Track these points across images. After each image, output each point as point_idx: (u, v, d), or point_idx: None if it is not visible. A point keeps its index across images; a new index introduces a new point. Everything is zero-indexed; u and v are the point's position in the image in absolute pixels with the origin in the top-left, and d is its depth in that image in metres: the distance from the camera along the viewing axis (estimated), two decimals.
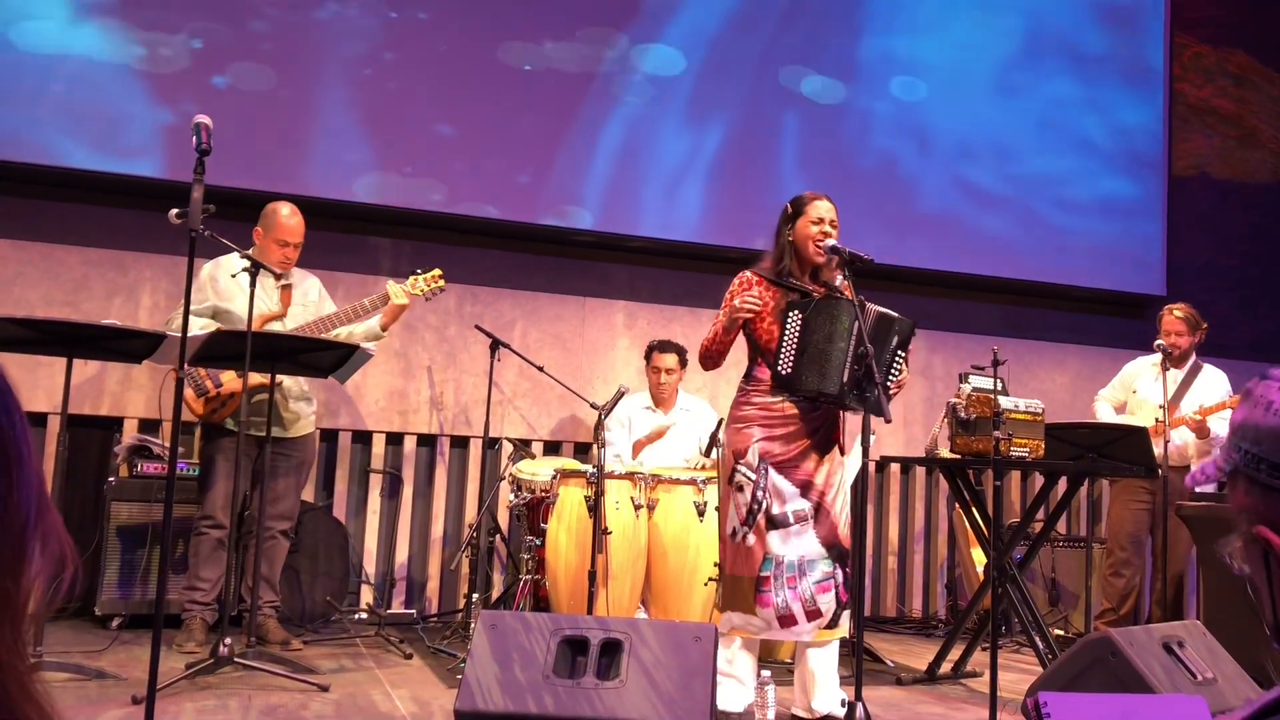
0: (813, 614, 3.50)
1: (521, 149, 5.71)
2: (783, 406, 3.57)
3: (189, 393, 4.32)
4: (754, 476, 3.53)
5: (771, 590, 3.48)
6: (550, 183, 5.75)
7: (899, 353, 3.58)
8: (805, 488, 3.54)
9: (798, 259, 3.67)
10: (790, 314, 3.55)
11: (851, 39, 6.39)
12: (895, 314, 3.57)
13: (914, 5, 6.54)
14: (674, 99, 5.98)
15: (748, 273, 3.71)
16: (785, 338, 3.53)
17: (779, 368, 3.53)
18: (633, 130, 5.90)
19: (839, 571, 3.56)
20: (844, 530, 3.60)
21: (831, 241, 3.56)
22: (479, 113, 5.64)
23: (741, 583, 3.53)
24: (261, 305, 4.29)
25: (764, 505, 3.51)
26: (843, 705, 3.44)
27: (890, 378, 3.55)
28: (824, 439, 3.61)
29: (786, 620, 3.49)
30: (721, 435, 4.21)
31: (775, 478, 3.53)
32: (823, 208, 3.66)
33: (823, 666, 3.59)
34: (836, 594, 3.54)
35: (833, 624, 3.56)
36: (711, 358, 3.74)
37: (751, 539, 3.51)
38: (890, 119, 6.43)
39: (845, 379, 3.44)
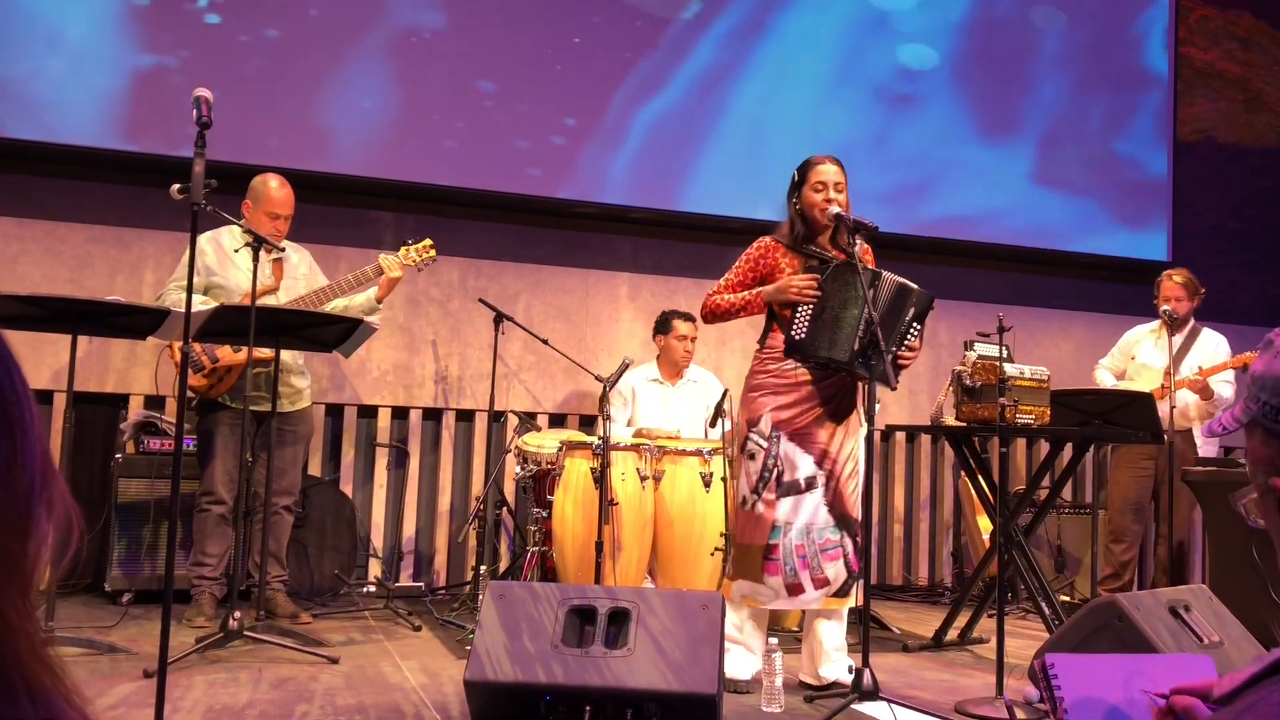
0: (820, 582, 3.51)
1: (529, 123, 5.68)
2: (795, 373, 3.55)
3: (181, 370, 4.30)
4: (765, 444, 3.51)
5: (780, 558, 3.49)
6: (555, 156, 5.73)
7: (915, 325, 3.53)
8: (818, 455, 3.53)
9: (808, 225, 3.65)
10: None
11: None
12: (914, 286, 3.51)
13: None
14: (687, 79, 5.94)
15: (768, 239, 3.69)
16: (800, 304, 3.51)
17: (793, 333, 3.51)
18: (641, 104, 5.86)
19: (848, 541, 3.56)
20: (853, 501, 3.59)
21: (835, 209, 3.53)
22: (488, 85, 5.61)
23: (750, 551, 3.53)
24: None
25: (775, 473, 3.50)
26: (850, 672, 3.46)
27: (902, 347, 3.52)
28: (838, 407, 3.58)
29: (794, 589, 3.50)
30: (726, 406, 4.22)
31: (787, 445, 3.51)
32: (826, 171, 3.62)
33: (830, 635, 3.60)
34: (846, 563, 3.54)
35: (842, 593, 3.56)
36: (718, 319, 3.72)
37: (761, 507, 3.51)
38: (896, 87, 6.39)
39: (856, 347, 3.41)
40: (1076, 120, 6.81)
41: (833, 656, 3.59)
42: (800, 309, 3.49)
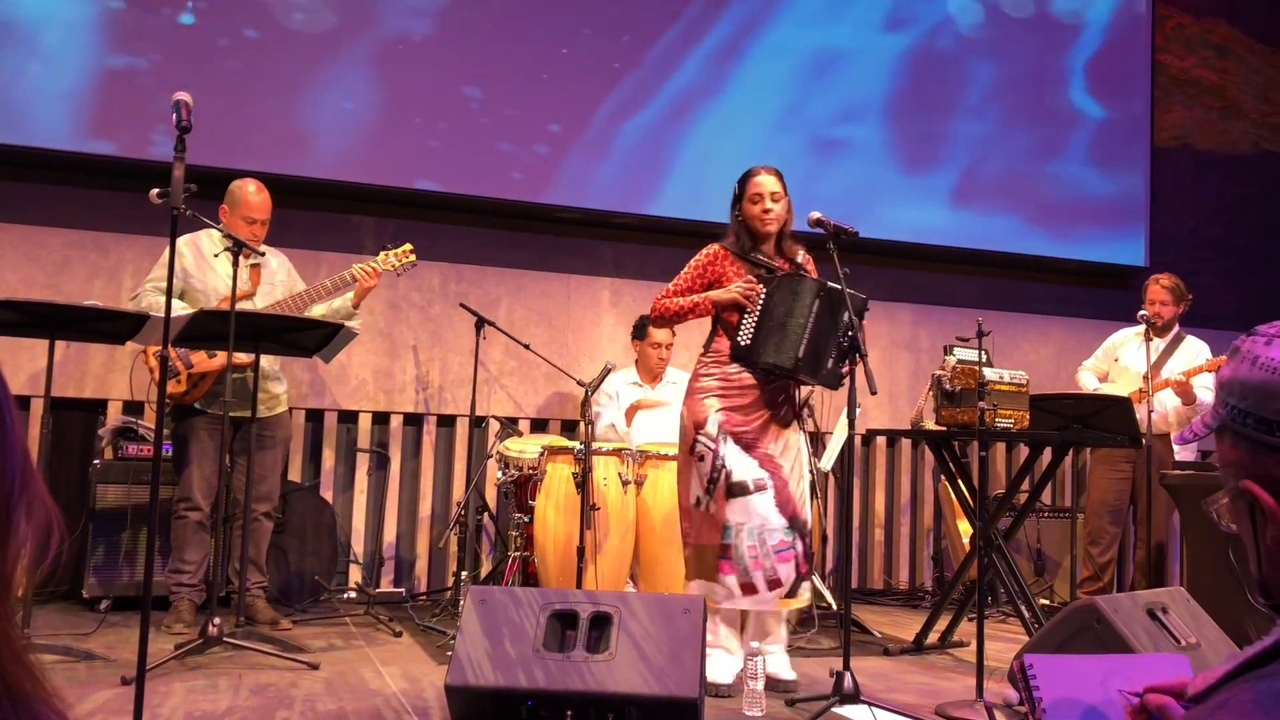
0: (773, 583, 3.57)
1: (513, 129, 5.68)
2: (741, 377, 3.65)
3: (159, 375, 4.28)
4: (714, 445, 3.59)
5: (733, 558, 3.55)
6: (538, 162, 5.73)
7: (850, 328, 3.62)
8: (762, 458, 3.62)
9: (750, 236, 3.75)
10: None
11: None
12: (848, 289, 3.56)
13: None
14: (672, 89, 5.96)
15: (717, 246, 3.79)
16: (747, 310, 3.62)
17: (739, 339, 3.63)
18: (625, 112, 5.88)
19: (799, 542, 3.63)
20: (800, 502, 3.66)
21: (817, 214, 3.57)
22: (474, 91, 5.61)
23: (705, 552, 3.60)
24: (231, 284, 4.26)
25: (724, 474, 3.57)
26: (831, 675, 3.47)
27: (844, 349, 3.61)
28: (781, 413, 3.70)
29: (748, 588, 3.56)
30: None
31: (733, 447, 3.59)
32: (760, 182, 3.72)
33: (769, 630, 3.70)
34: (796, 564, 3.61)
35: (791, 594, 3.63)
36: (668, 322, 3.86)
37: (713, 507, 3.58)
38: (873, 97, 6.42)
39: (800, 354, 3.53)
40: (1054, 125, 6.86)
41: (776, 657, 3.64)
42: (746, 316, 3.61)
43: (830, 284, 3.59)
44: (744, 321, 3.61)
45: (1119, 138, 7.02)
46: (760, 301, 3.60)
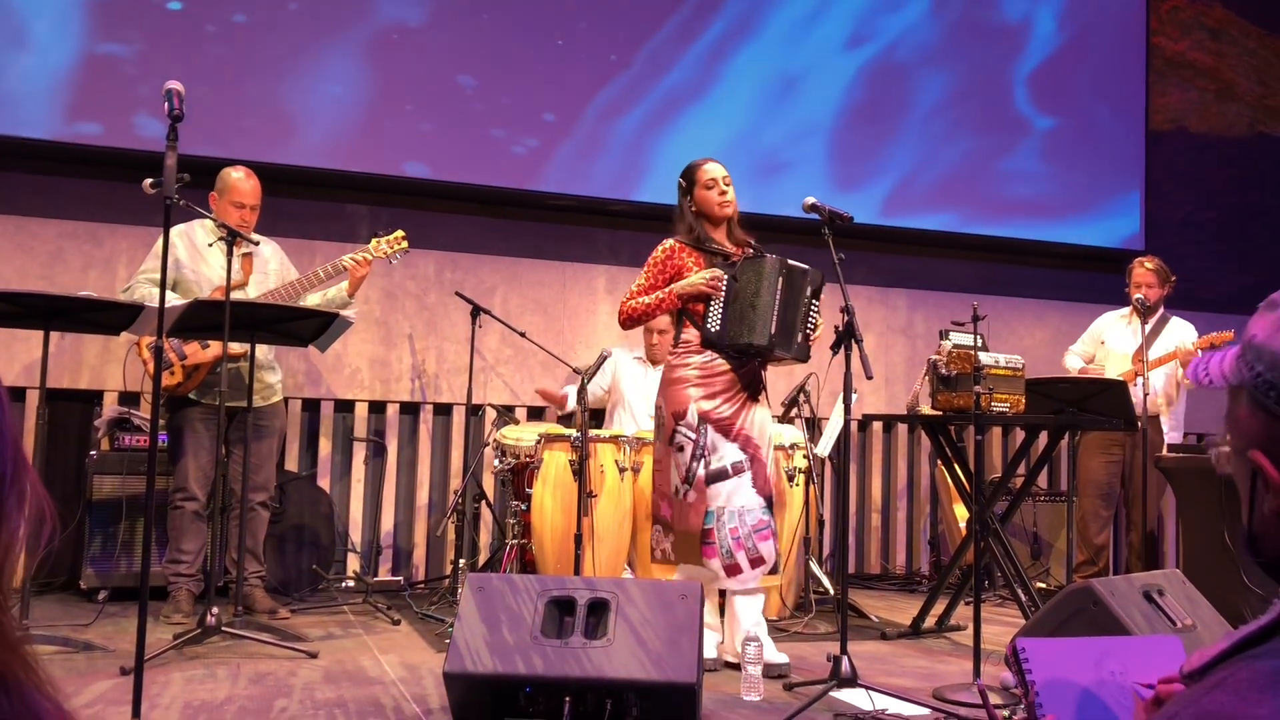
0: (756, 561, 3.64)
1: (507, 117, 5.66)
2: (715, 364, 3.70)
3: (152, 366, 4.27)
4: (694, 436, 3.63)
5: (715, 541, 3.60)
6: (533, 150, 5.71)
7: (813, 302, 3.75)
8: (742, 441, 3.67)
9: (709, 222, 3.80)
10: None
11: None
12: (806, 266, 3.74)
13: None
14: (668, 82, 5.95)
15: (671, 241, 3.82)
16: (712, 297, 3.66)
17: (708, 325, 3.67)
18: (616, 98, 5.86)
19: (774, 520, 3.72)
20: (773, 478, 3.76)
21: (811, 199, 3.59)
22: (468, 80, 5.59)
23: (689, 537, 3.66)
24: (223, 273, 4.25)
25: (703, 462, 3.62)
26: (828, 660, 3.48)
27: (809, 325, 3.74)
28: (753, 394, 3.76)
29: (732, 570, 3.62)
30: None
31: (713, 435, 3.63)
32: (712, 169, 3.80)
33: (748, 614, 3.72)
34: (775, 541, 3.70)
35: (776, 570, 3.73)
36: (635, 323, 3.85)
37: (693, 495, 3.62)
38: (866, 80, 6.40)
39: (773, 330, 3.61)
40: (1048, 109, 6.85)
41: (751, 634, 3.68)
42: (712, 303, 3.67)
43: (789, 261, 3.69)
44: (710, 309, 3.67)
45: (1113, 121, 7.00)
46: (724, 286, 3.66)
